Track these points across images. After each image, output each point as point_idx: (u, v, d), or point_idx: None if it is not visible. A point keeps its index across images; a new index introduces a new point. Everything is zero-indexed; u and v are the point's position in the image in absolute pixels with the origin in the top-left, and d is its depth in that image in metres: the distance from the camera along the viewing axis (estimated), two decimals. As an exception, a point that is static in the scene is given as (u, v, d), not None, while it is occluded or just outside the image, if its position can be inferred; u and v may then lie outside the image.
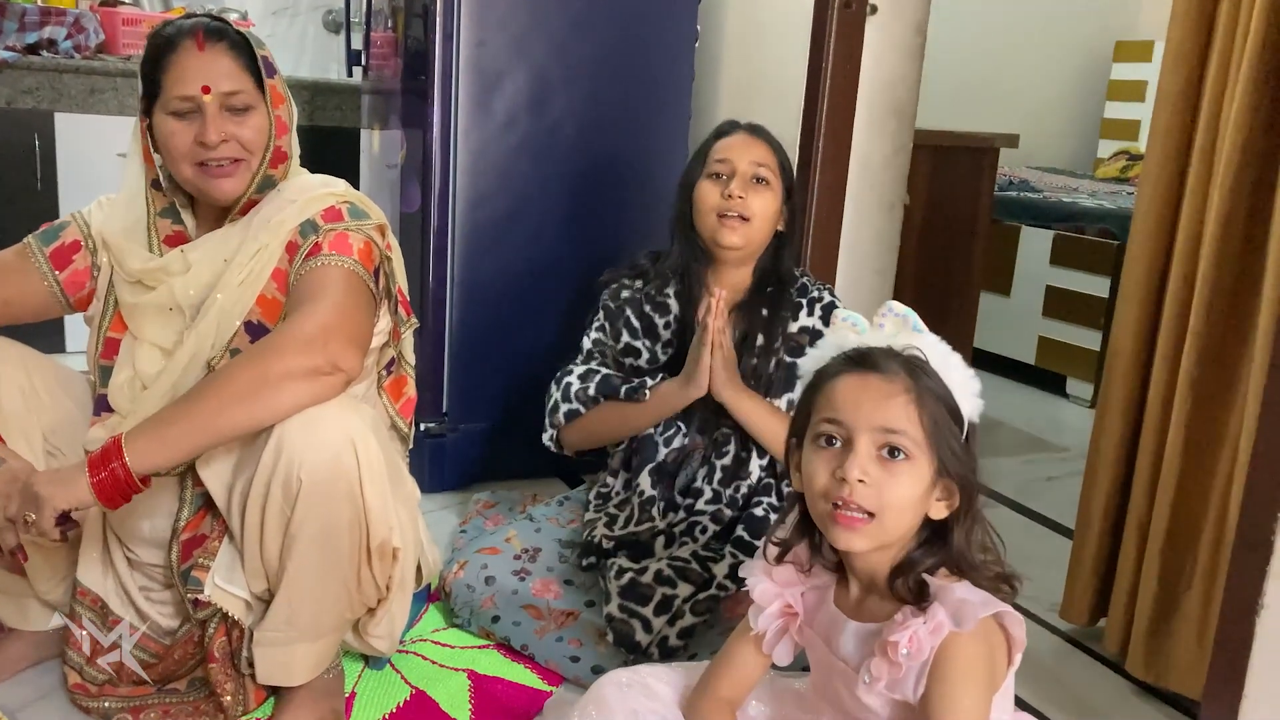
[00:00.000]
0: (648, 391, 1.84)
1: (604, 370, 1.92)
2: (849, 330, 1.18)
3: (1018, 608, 1.14)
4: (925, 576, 1.12)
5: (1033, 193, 4.15)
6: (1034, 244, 3.79)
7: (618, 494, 1.95)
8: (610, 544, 1.83)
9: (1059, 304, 3.69)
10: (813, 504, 1.16)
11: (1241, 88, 1.65)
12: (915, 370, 1.12)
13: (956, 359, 1.15)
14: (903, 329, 1.16)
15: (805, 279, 1.94)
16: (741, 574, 1.30)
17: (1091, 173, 5.13)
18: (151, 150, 1.54)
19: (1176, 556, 1.77)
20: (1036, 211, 3.89)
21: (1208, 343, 1.72)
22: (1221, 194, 1.68)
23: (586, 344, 1.99)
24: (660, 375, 1.88)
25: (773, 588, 1.25)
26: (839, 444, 1.12)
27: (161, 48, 1.48)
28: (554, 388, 1.95)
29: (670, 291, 1.93)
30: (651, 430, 1.89)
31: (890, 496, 1.09)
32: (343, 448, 1.37)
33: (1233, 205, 1.67)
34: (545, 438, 1.97)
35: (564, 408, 1.92)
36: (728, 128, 1.93)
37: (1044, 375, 3.79)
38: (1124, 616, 1.86)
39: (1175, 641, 1.77)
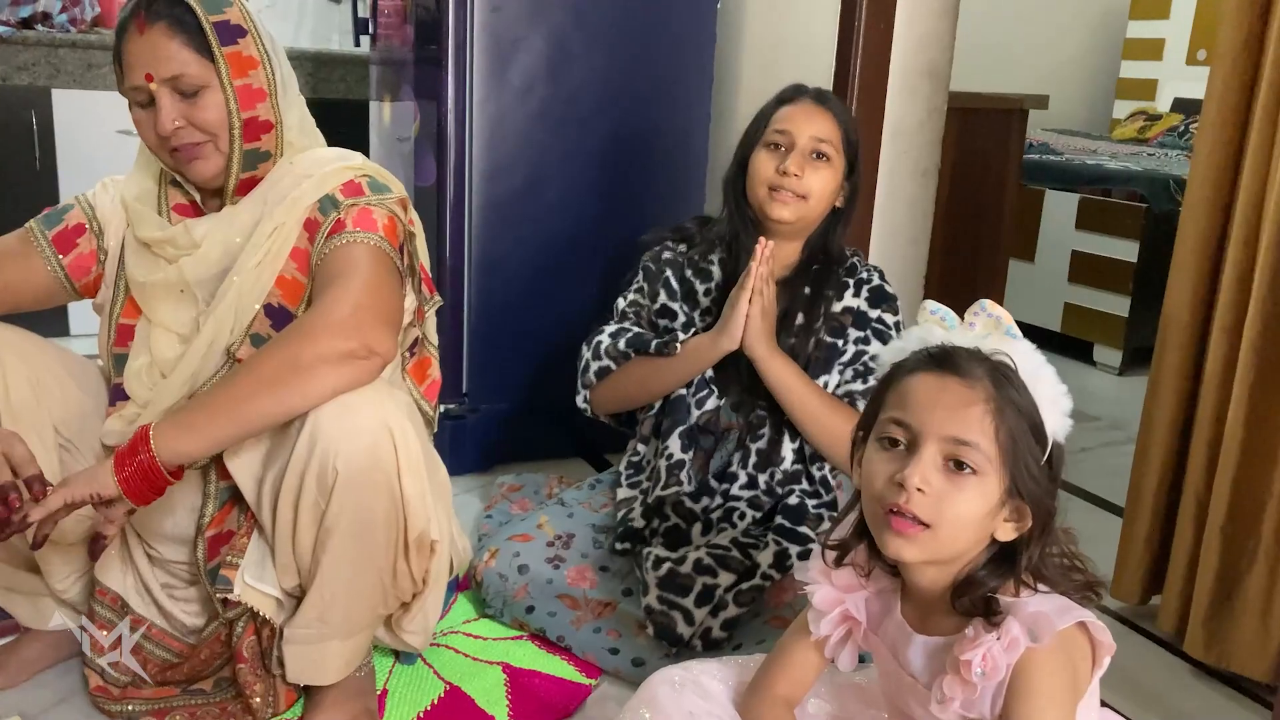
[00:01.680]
0: (679, 345, 1.75)
1: (636, 329, 1.85)
2: (937, 324, 1.08)
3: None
4: (993, 595, 1.04)
5: (1054, 155, 4.05)
6: (1059, 208, 3.70)
7: (649, 462, 1.87)
8: (644, 524, 1.76)
9: (1085, 269, 3.60)
10: (867, 505, 1.08)
11: (1310, 40, 1.57)
12: (1000, 379, 1.02)
13: (1049, 372, 1.05)
14: (995, 331, 1.06)
15: (855, 258, 1.85)
16: (797, 577, 1.22)
17: (1108, 134, 5.04)
18: None
19: (1238, 534, 1.70)
20: (1060, 175, 3.79)
21: (1272, 309, 1.64)
22: (1288, 153, 1.60)
23: (621, 304, 1.91)
24: (694, 331, 1.80)
25: (833, 593, 1.17)
26: (903, 447, 1.04)
27: (118, 33, 1.39)
28: (585, 348, 1.87)
29: (715, 258, 1.84)
30: (683, 391, 1.80)
31: (950, 511, 1.00)
32: (380, 436, 1.30)
33: (1300, 165, 1.59)
34: (579, 400, 1.89)
35: (595, 365, 1.84)
36: (792, 93, 1.82)
37: (1070, 342, 3.72)
38: (1181, 595, 1.80)
39: (1237, 622, 1.70)
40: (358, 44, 2.95)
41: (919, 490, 1.00)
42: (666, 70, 2.44)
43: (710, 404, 1.80)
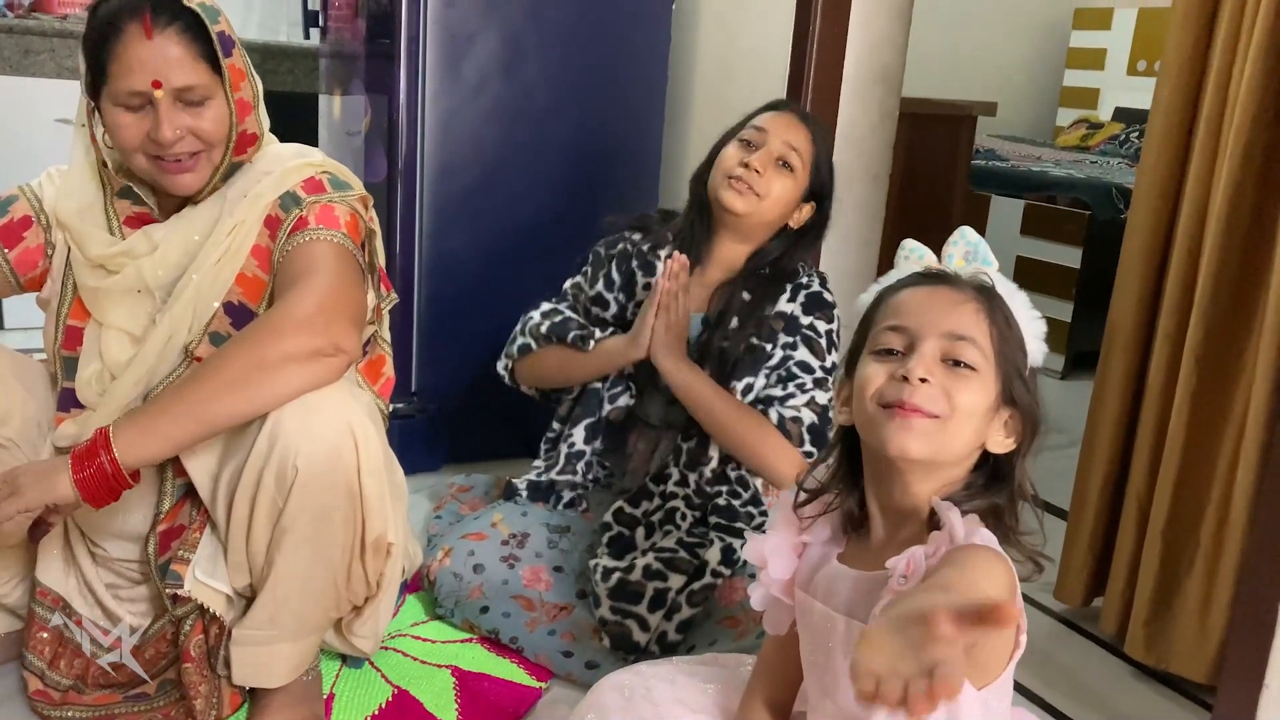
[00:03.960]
0: (593, 343, 1.82)
1: (567, 312, 1.90)
2: (913, 264, 1.10)
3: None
4: (938, 506, 1.01)
5: (1000, 162, 4.11)
6: (1004, 214, 3.76)
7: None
8: (522, 486, 1.89)
9: (1029, 275, 3.66)
10: (863, 412, 1.05)
11: (1253, 56, 1.60)
12: (985, 288, 1.04)
13: (1022, 297, 1.08)
14: (973, 258, 1.08)
15: (800, 264, 1.85)
16: (744, 555, 1.20)
17: (1052, 141, 5.12)
18: (99, 136, 1.39)
19: (1178, 538, 1.74)
20: (1005, 181, 3.85)
21: (1213, 318, 1.67)
22: (1231, 166, 1.63)
23: (566, 285, 1.98)
24: (612, 330, 1.86)
25: (761, 550, 1.16)
26: (900, 352, 1.03)
27: (105, 30, 1.31)
28: (520, 320, 1.94)
29: (662, 253, 1.85)
30: (598, 384, 1.87)
31: (957, 400, 0.99)
32: (342, 437, 1.28)
33: (1242, 177, 1.63)
34: (499, 366, 1.97)
35: (519, 341, 1.92)
36: (779, 104, 1.87)
37: (1013, 346, 3.77)
38: (1122, 598, 1.83)
39: (1176, 624, 1.73)
40: (307, 36, 2.91)
41: (922, 380, 0.99)
42: (621, 69, 2.43)
43: (623, 401, 1.86)
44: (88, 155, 1.43)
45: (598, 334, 1.83)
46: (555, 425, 1.97)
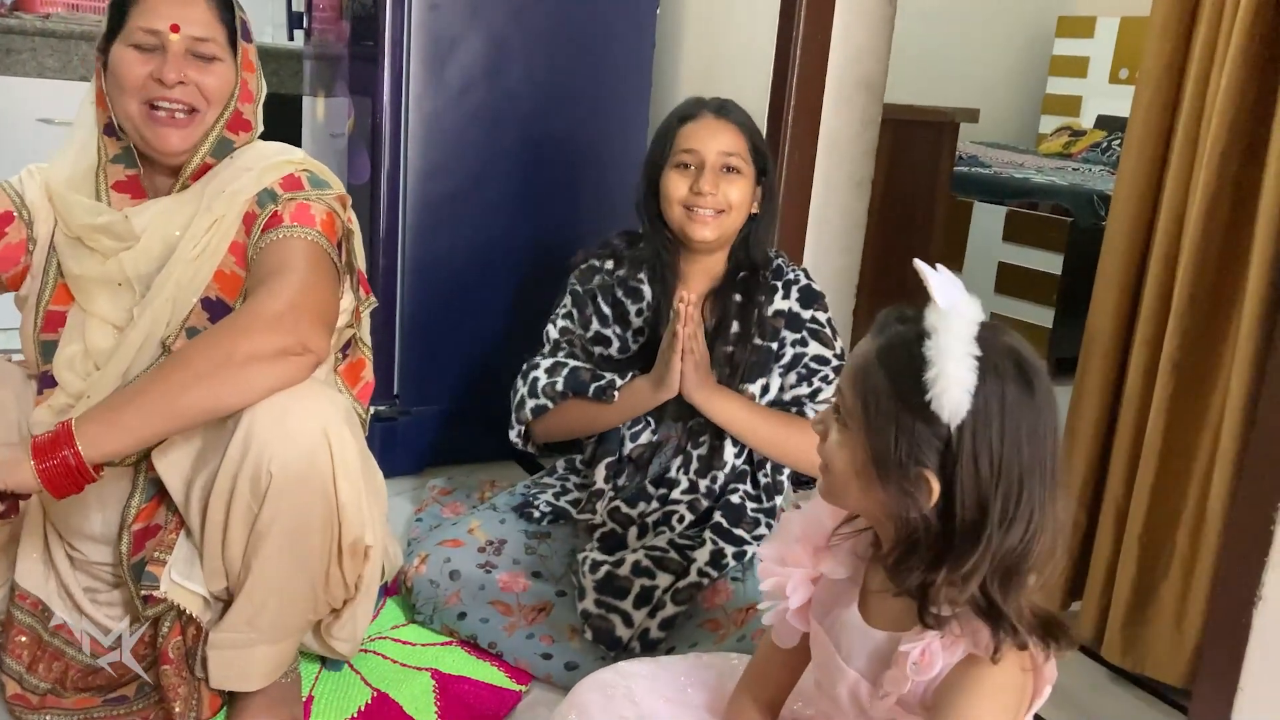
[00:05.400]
0: (616, 392, 1.76)
1: (572, 363, 1.82)
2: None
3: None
4: (940, 610, 0.98)
5: (983, 168, 4.13)
6: (986, 220, 3.78)
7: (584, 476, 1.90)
8: (545, 512, 1.86)
9: (1011, 281, 3.68)
10: None
11: (1230, 65, 1.62)
12: (886, 342, 1.00)
13: (960, 349, 0.94)
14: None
15: (780, 260, 1.87)
16: (760, 560, 1.19)
17: (1035, 148, 5.15)
18: (105, 91, 1.41)
19: (1155, 542, 1.75)
20: (988, 187, 3.87)
21: (1190, 325, 1.69)
22: (1208, 173, 1.64)
23: (553, 333, 1.89)
24: (631, 373, 1.79)
25: (776, 571, 1.17)
26: None
27: None
28: (520, 381, 1.85)
29: (644, 277, 1.84)
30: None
31: (824, 452, 1.05)
32: (316, 440, 1.28)
33: (1219, 184, 1.64)
34: (512, 434, 1.88)
35: (530, 403, 1.82)
36: (693, 110, 1.80)
37: (994, 352, 3.79)
38: (1100, 602, 1.84)
39: (1153, 628, 1.75)
40: (291, 38, 2.90)
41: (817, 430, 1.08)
42: (605, 74, 2.43)
43: (645, 437, 1.82)
44: (92, 121, 1.44)
45: (618, 381, 1.77)
46: (579, 463, 1.95)
